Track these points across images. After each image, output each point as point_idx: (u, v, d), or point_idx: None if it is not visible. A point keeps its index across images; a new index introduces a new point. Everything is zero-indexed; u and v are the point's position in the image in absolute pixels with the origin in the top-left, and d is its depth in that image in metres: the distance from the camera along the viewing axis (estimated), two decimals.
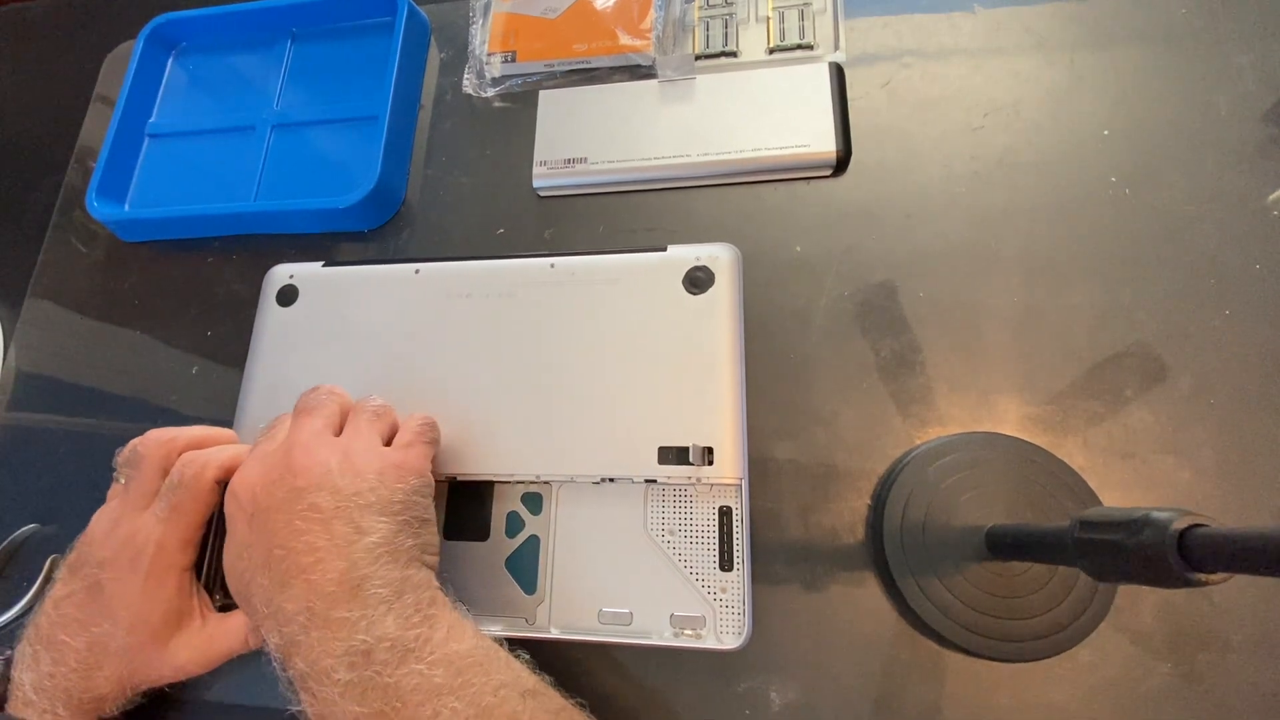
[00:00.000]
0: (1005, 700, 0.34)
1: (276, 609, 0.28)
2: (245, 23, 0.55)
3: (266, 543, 0.30)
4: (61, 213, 0.54)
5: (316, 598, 0.28)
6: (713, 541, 0.35)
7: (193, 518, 0.34)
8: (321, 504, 0.30)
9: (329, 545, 0.29)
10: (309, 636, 0.28)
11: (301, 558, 0.29)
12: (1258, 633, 0.34)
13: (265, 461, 0.32)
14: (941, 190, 0.43)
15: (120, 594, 0.33)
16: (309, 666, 0.27)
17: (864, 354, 0.41)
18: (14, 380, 0.50)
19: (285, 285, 0.44)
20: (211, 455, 0.35)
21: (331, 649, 0.27)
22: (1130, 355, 0.39)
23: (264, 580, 0.29)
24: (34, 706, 0.32)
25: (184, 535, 0.34)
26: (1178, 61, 0.44)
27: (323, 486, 0.30)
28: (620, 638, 0.35)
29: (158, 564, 0.33)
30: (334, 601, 0.28)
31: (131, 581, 0.33)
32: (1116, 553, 0.24)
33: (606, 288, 0.40)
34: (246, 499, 0.31)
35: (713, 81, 0.46)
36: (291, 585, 0.28)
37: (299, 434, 0.33)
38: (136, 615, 0.33)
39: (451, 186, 0.49)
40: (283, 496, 0.30)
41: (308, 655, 0.27)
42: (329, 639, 0.27)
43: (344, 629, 0.27)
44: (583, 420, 0.37)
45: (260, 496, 0.31)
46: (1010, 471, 0.36)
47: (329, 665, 0.27)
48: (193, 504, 0.34)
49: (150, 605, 0.33)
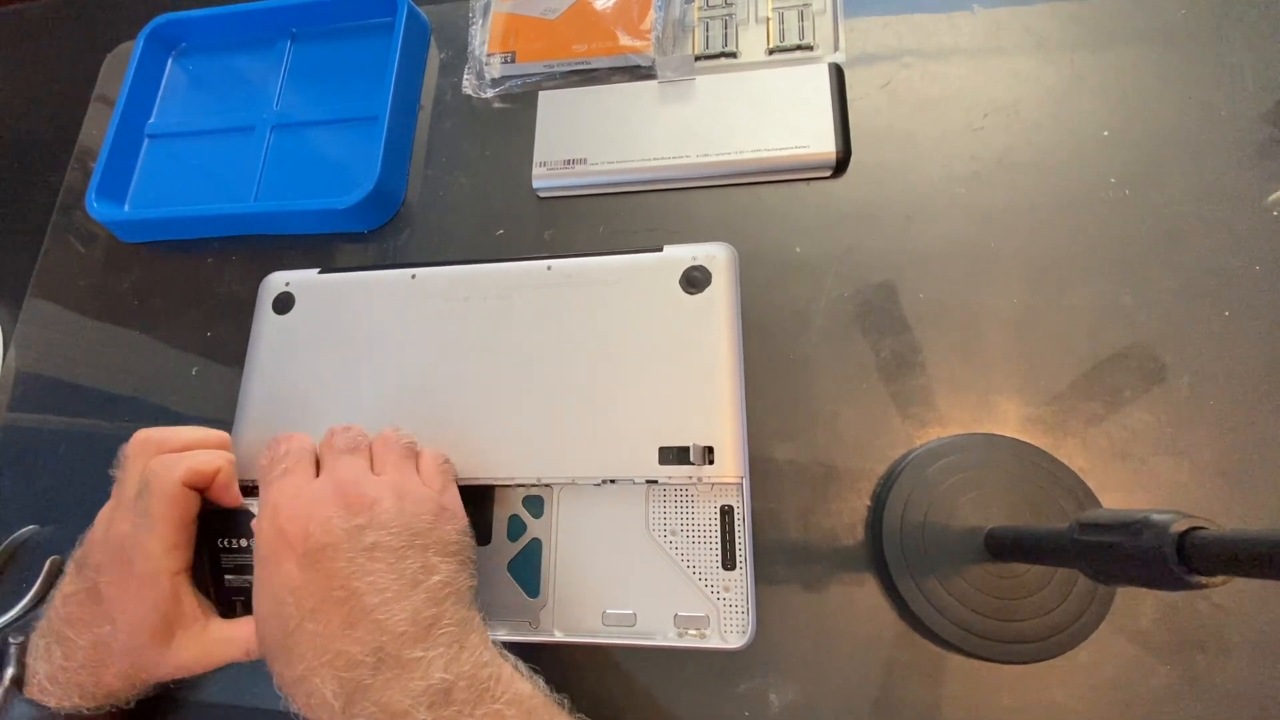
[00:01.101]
0: (1005, 701, 0.34)
1: (335, 654, 0.27)
2: (245, 23, 0.55)
3: (324, 584, 0.28)
4: (61, 213, 0.54)
5: (387, 638, 0.27)
6: (715, 541, 0.35)
7: (169, 523, 0.33)
8: (385, 543, 0.29)
9: (397, 585, 0.28)
10: (379, 678, 0.26)
11: (367, 598, 0.28)
12: (1257, 634, 0.34)
13: (312, 498, 0.30)
14: (941, 190, 0.43)
15: (116, 598, 0.33)
16: (380, 709, 0.26)
17: (864, 354, 0.41)
18: (14, 380, 0.50)
19: (281, 293, 0.44)
20: (181, 458, 0.34)
21: (409, 688, 0.26)
22: (1130, 355, 0.39)
23: (317, 626, 0.27)
24: (50, 695, 0.32)
25: (167, 540, 0.33)
26: (1178, 61, 0.44)
27: (385, 525, 0.29)
28: (624, 639, 0.35)
29: (146, 569, 0.33)
30: (406, 641, 0.27)
31: (126, 586, 0.33)
32: (1116, 555, 0.24)
33: (603, 289, 0.40)
34: (297, 536, 0.29)
35: (712, 82, 0.46)
36: (357, 627, 0.27)
37: (346, 471, 0.31)
38: (134, 618, 0.33)
39: (451, 187, 0.49)
40: (342, 534, 0.29)
41: (379, 698, 0.26)
42: (404, 678, 0.26)
43: (419, 668, 0.27)
44: (583, 422, 0.37)
45: (315, 534, 0.29)
46: (1010, 473, 0.36)
47: (406, 706, 0.26)
48: (166, 509, 0.33)
49: (145, 609, 0.33)
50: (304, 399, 0.41)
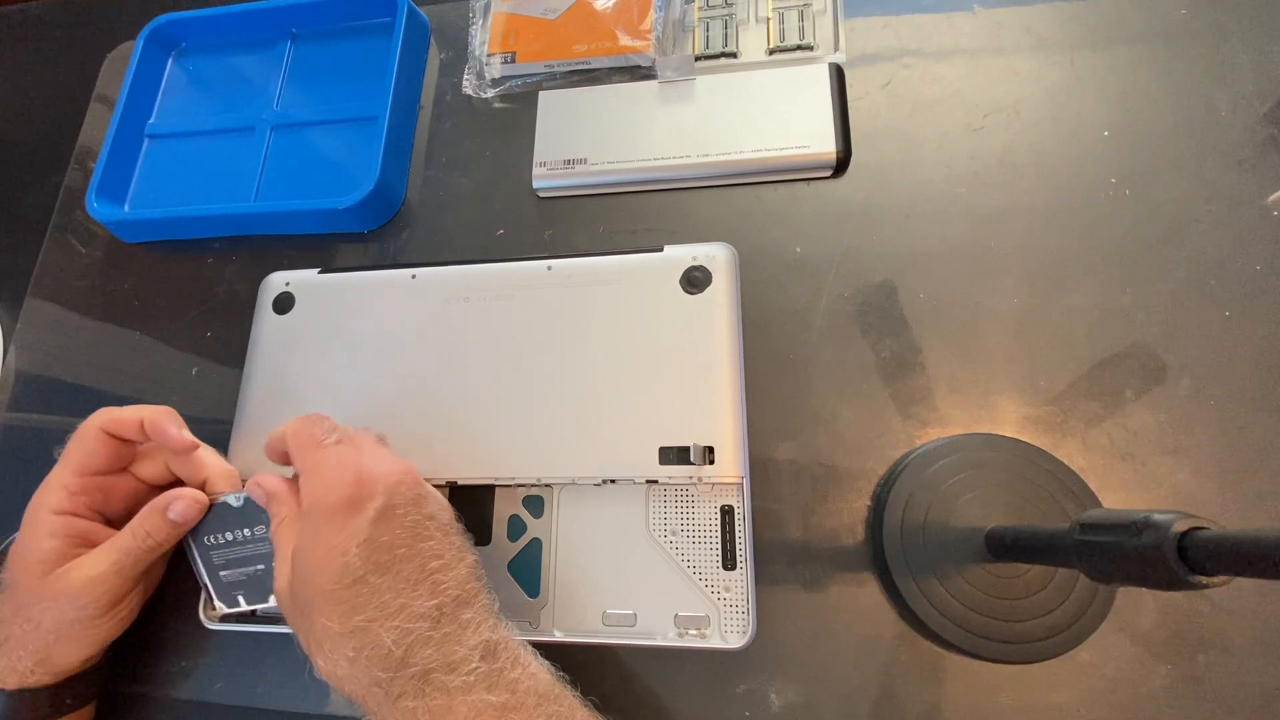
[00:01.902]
0: (1005, 701, 0.34)
1: (401, 607, 0.29)
2: (245, 23, 0.55)
3: (392, 541, 0.30)
4: (61, 213, 0.54)
5: (444, 599, 0.30)
6: (715, 541, 0.35)
7: (70, 464, 0.36)
8: (438, 517, 0.32)
9: (448, 555, 0.31)
10: (438, 632, 0.29)
11: (429, 561, 0.30)
12: (1258, 634, 0.34)
13: (381, 460, 0.32)
14: (941, 191, 0.43)
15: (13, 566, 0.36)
16: (441, 658, 0.28)
17: (864, 354, 0.41)
18: (14, 380, 0.50)
19: (281, 293, 0.44)
20: (105, 410, 0.37)
21: (465, 641, 0.29)
22: (1130, 355, 0.39)
23: (383, 580, 0.29)
24: None
25: (62, 479, 0.36)
26: (1178, 61, 0.44)
27: (436, 503, 0.33)
28: (624, 639, 0.35)
29: (33, 507, 0.36)
30: (459, 604, 0.30)
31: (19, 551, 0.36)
32: (1116, 555, 0.24)
33: (604, 289, 0.40)
34: (373, 493, 0.31)
35: (712, 82, 0.46)
36: (421, 585, 0.29)
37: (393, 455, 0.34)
38: (23, 564, 0.35)
39: (451, 187, 0.49)
40: (410, 500, 0.31)
41: (440, 647, 0.28)
42: (460, 634, 0.29)
43: (470, 627, 0.30)
44: (583, 422, 0.37)
45: (391, 494, 0.31)
46: (1010, 473, 0.36)
47: (464, 655, 0.28)
48: (74, 448, 0.36)
49: (32, 551, 0.35)
50: (304, 399, 0.41)
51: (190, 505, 0.36)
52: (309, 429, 0.34)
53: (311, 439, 0.33)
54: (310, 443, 0.33)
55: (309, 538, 0.31)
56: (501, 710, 0.28)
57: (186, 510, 0.36)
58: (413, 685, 0.28)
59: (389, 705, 0.28)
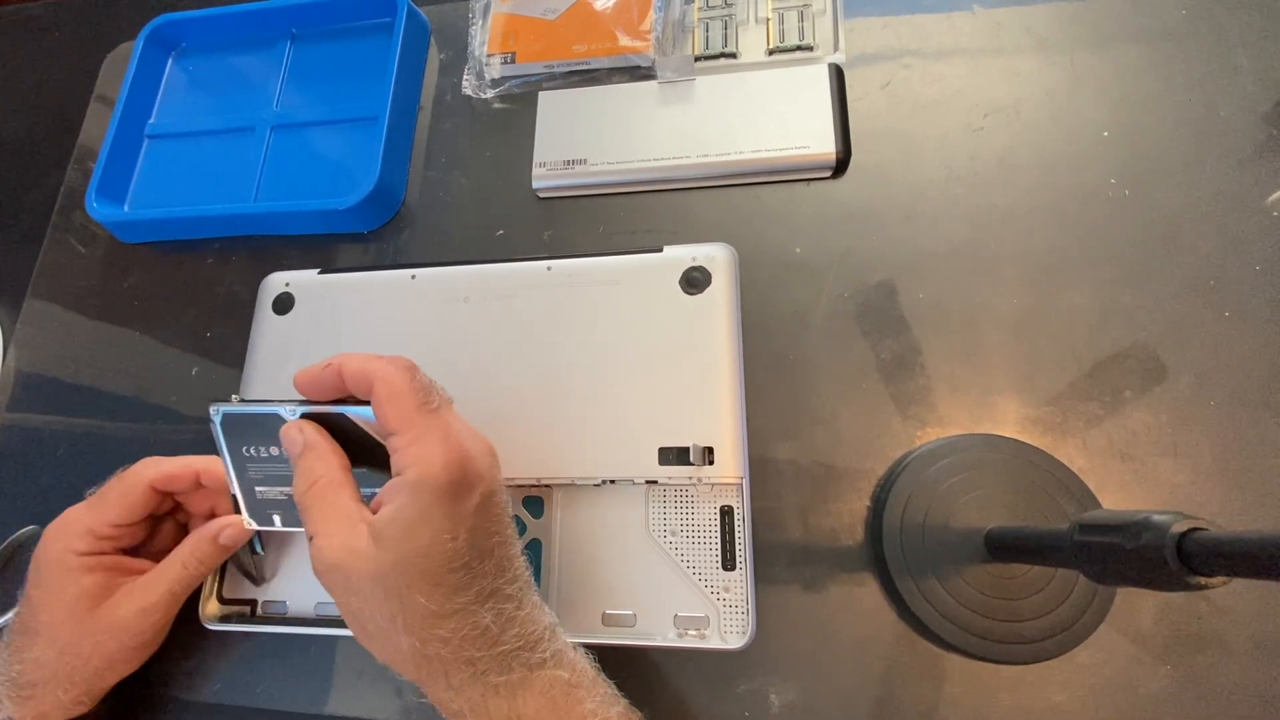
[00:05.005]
0: (1005, 702, 0.34)
1: (495, 590, 0.29)
2: (245, 23, 0.55)
3: (489, 527, 0.30)
4: (61, 214, 0.54)
5: (523, 582, 0.31)
6: (715, 541, 0.35)
7: (111, 514, 0.36)
8: (503, 504, 0.31)
9: (514, 542, 0.31)
10: (523, 612, 0.30)
11: (510, 546, 0.31)
12: (1257, 635, 0.34)
13: (478, 438, 0.31)
14: (941, 191, 0.43)
15: (36, 598, 0.35)
16: (524, 637, 0.29)
17: (864, 355, 0.41)
18: (14, 380, 0.50)
19: (281, 293, 0.44)
20: (153, 461, 0.37)
21: (540, 620, 0.30)
22: (1130, 356, 0.39)
23: (483, 565, 0.29)
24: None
25: (93, 524, 0.35)
26: (1178, 62, 0.44)
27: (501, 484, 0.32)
28: (624, 640, 0.35)
29: (54, 550, 0.35)
30: (528, 586, 0.31)
31: (40, 582, 0.35)
32: (1116, 556, 0.24)
33: (604, 290, 0.40)
34: (480, 476, 0.29)
35: (712, 83, 0.46)
36: (505, 571, 0.30)
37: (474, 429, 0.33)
38: (53, 604, 0.35)
39: (451, 187, 0.49)
40: (501, 485, 0.31)
41: (524, 627, 0.29)
42: (536, 613, 0.30)
43: (540, 608, 0.31)
44: (583, 422, 0.37)
45: (495, 478, 0.30)
46: (1010, 473, 0.36)
47: (539, 633, 0.30)
48: (119, 501, 0.36)
49: (58, 592, 0.35)
50: None
51: (241, 533, 0.36)
52: (409, 383, 0.30)
53: (415, 399, 0.30)
54: (412, 403, 0.29)
55: (416, 515, 0.28)
56: (568, 687, 0.29)
57: (238, 536, 0.37)
58: (499, 662, 0.29)
59: (473, 681, 0.29)
